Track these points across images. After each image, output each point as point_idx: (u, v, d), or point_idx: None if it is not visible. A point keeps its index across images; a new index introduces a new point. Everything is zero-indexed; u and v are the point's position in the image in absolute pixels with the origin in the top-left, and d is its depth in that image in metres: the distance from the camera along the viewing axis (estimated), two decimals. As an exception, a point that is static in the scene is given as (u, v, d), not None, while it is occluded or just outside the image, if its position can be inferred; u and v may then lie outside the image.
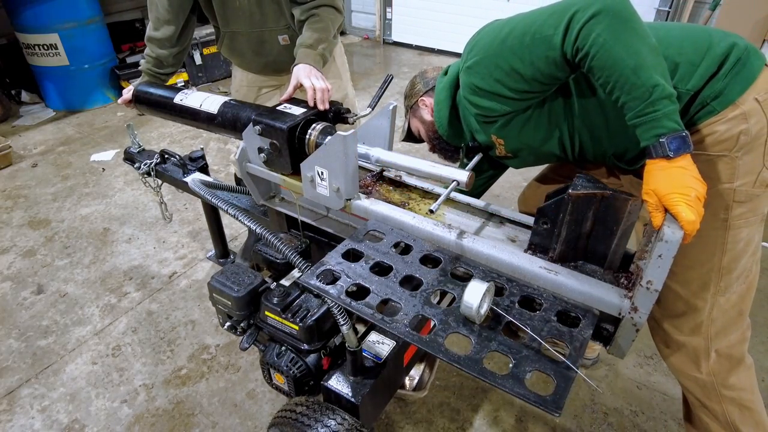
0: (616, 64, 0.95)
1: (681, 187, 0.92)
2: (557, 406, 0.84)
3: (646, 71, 0.94)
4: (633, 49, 0.94)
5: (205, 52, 4.91)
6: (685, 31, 1.13)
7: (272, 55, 1.98)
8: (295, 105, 1.41)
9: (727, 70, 1.05)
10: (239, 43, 1.96)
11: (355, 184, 1.30)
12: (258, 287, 1.36)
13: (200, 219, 2.86)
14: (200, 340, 2.13)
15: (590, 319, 1.01)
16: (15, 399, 1.91)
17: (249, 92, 2.17)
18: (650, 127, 0.95)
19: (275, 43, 1.94)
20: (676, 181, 0.92)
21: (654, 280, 0.93)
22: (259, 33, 1.90)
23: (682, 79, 1.07)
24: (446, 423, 1.79)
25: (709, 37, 1.09)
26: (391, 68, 5.52)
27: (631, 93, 0.95)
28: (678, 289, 1.24)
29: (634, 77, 0.94)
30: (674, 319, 1.28)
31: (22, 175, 3.48)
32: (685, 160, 0.94)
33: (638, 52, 0.94)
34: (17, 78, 4.66)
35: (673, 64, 1.07)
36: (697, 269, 1.20)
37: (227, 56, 2.09)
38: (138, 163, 1.91)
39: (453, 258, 1.18)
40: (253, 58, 2.00)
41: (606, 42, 0.94)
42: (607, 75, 0.97)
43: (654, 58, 0.95)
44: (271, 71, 2.08)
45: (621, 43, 0.94)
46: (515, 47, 1.08)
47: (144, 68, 1.95)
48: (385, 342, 1.36)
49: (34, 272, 2.55)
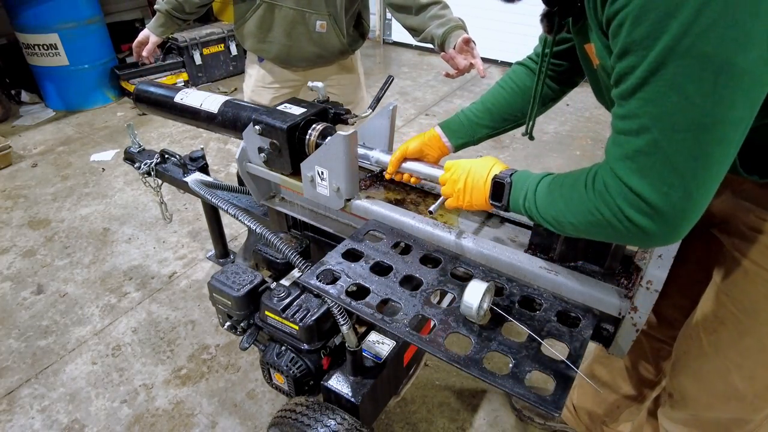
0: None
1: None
2: (557, 406, 0.84)
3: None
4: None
5: (205, 52, 4.90)
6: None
7: (303, 41, 1.89)
8: (295, 105, 1.41)
9: None
10: (274, 18, 1.85)
11: (355, 184, 1.30)
12: (258, 287, 1.36)
13: (200, 219, 2.86)
14: (200, 340, 2.13)
15: (590, 319, 1.01)
16: (15, 399, 1.91)
17: (265, 93, 2.08)
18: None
19: (311, 27, 1.85)
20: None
21: (654, 280, 0.93)
22: (299, 12, 1.82)
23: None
24: (446, 423, 1.79)
25: None
26: (391, 68, 5.52)
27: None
28: (736, 382, 1.01)
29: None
30: (717, 403, 1.07)
31: (22, 175, 3.48)
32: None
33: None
34: (17, 78, 4.66)
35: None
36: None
37: (250, 35, 1.93)
38: (138, 163, 1.91)
39: (453, 258, 1.18)
40: (281, 40, 1.90)
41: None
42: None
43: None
44: (294, 62, 1.97)
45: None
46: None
47: (161, 8, 1.91)
48: (385, 342, 1.36)
49: (34, 272, 2.55)
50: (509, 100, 1.25)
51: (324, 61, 2.00)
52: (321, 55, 1.94)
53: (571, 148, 3.75)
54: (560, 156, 3.64)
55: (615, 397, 1.51)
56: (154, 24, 2.01)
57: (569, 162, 3.55)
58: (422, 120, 4.20)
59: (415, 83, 4.95)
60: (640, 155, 0.67)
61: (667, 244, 0.73)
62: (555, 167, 3.48)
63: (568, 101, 4.32)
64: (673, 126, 0.63)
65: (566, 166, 3.47)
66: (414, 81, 4.99)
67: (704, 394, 1.10)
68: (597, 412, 1.58)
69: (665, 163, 0.65)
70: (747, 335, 0.98)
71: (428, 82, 5.00)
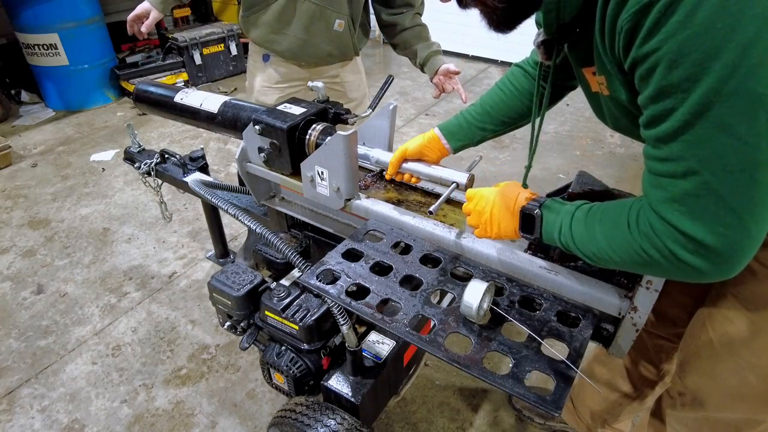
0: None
1: None
2: (557, 405, 0.84)
3: None
4: None
5: (204, 52, 4.90)
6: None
7: (319, 38, 1.87)
8: (295, 105, 1.41)
9: None
10: (296, 11, 1.81)
11: (355, 184, 1.30)
12: (258, 287, 1.36)
13: (200, 219, 2.86)
14: (200, 340, 2.13)
15: (590, 319, 1.01)
16: (15, 399, 1.91)
17: (272, 93, 2.04)
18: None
19: (330, 25, 1.85)
20: None
21: (654, 279, 0.93)
22: (320, 9, 1.81)
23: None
24: (446, 423, 1.79)
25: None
26: (391, 68, 5.52)
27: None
28: (752, 381, 1.00)
29: None
30: (731, 402, 1.06)
31: (22, 175, 3.48)
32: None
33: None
34: (17, 78, 4.66)
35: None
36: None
37: (263, 26, 1.88)
38: (138, 163, 1.90)
39: (453, 258, 1.18)
40: (297, 34, 1.86)
41: None
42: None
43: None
44: (305, 57, 1.94)
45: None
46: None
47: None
48: (385, 342, 1.36)
49: (33, 272, 2.55)
50: (508, 103, 1.24)
51: (332, 61, 2.01)
52: (332, 54, 1.95)
53: (571, 148, 3.75)
54: (560, 156, 3.64)
55: (615, 395, 1.51)
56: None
57: (569, 162, 3.55)
58: (422, 120, 4.20)
59: (415, 83, 4.95)
60: (689, 198, 0.65)
61: (722, 279, 0.70)
62: (555, 167, 3.48)
63: (567, 101, 4.32)
64: (725, 167, 0.61)
65: (566, 166, 3.47)
66: (414, 81, 4.99)
67: (718, 394, 1.09)
68: (597, 410, 1.58)
69: (719, 204, 0.63)
70: (760, 336, 0.98)
71: (428, 82, 4.97)
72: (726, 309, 1.02)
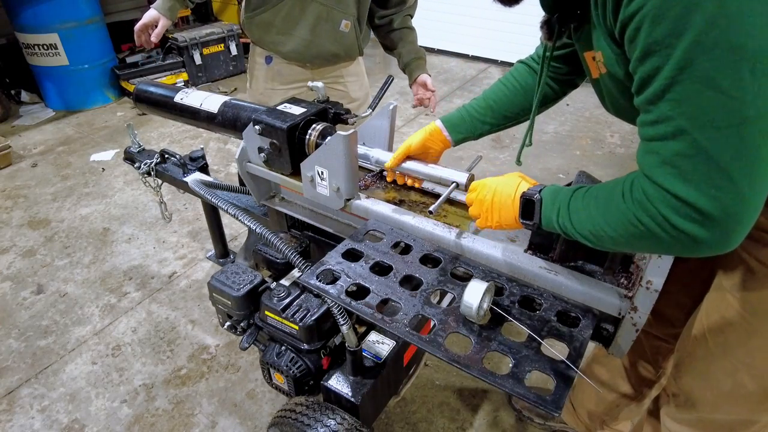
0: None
1: None
2: (557, 405, 0.84)
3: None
4: None
5: (204, 52, 4.90)
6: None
7: (325, 38, 1.86)
8: (295, 105, 1.41)
9: None
10: (303, 11, 1.80)
11: (355, 184, 1.30)
12: (258, 287, 1.36)
13: (200, 219, 2.86)
14: (200, 340, 2.13)
15: (590, 319, 1.01)
16: (15, 399, 1.91)
17: (275, 95, 2.02)
18: None
19: (336, 26, 1.84)
20: None
21: (654, 280, 0.93)
22: (327, 9, 1.80)
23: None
24: (446, 423, 1.79)
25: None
26: (391, 68, 5.52)
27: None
28: (745, 382, 1.01)
29: None
30: (725, 403, 1.07)
31: (22, 175, 3.48)
32: None
33: None
34: (17, 78, 4.66)
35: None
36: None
37: (267, 26, 1.85)
38: (138, 163, 1.90)
39: (453, 258, 1.18)
40: (303, 35, 1.85)
41: None
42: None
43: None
44: (309, 58, 1.92)
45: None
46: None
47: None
48: (385, 342, 1.36)
49: (33, 272, 2.55)
50: (511, 98, 1.25)
51: (336, 62, 2.01)
52: (337, 54, 1.94)
53: (571, 148, 3.75)
54: (560, 156, 3.64)
55: (614, 396, 1.51)
56: (162, 5, 1.83)
57: (569, 162, 3.55)
58: (422, 120, 4.20)
59: (415, 83, 4.95)
60: (680, 158, 0.63)
61: (721, 251, 0.67)
62: (555, 167, 3.48)
63: (568, 101, 4.32)
64: (712, 123, 0.60)
65: (566, 166, 3.47)
66: (414, 81, 4.99)
67: (711, 395, 1.09)
68: (596, 411, 1.59)
69: (709, 164, 0.61)
70: (756, 336, 0.98)
71: (428, 82, 5.01)
72: (723, 309, 1.02)
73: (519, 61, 1.29)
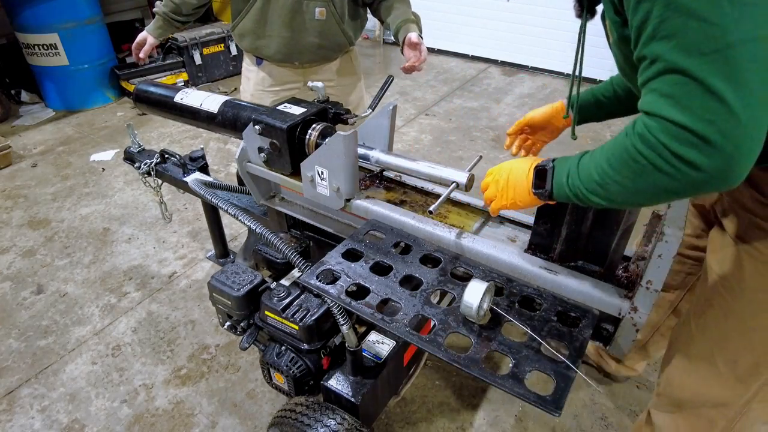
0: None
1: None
2: (557, 406, 0.84)
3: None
4: None
5: (205, 52, 4.90)
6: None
7: (303, 31, 1.87)
8: (295, 105, 1.42)
9: None
10: (272, 9, 1.83)
11: (355, 184, 1.30)
12: (258, 287, 1.36)
13: (200, 219, 2.86)
14: (200, 340, 2.13)
15: (590, 319, 1.01)
16: (15, 399, 1.91)
17: (265, 96, 2.04)
18: None
19: (310, 15, 1.84)
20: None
21: (654, 280, 0.93)
22: (297, 1, 1.81)
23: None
24: (446, 423, 1.79)
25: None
26: (391, 68, 5.52)
27: None
28: (719, 365, 1.05)
29: None
30: (701, 388, 1.10)
31: (22, 175, 3.48)
32: None
33: None
34: (17, 78, 4.66)
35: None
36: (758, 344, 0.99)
37: (248, 33, 1.91)
38: (138, 163, 1.91)
39: (453, 258, 1.18)
40: (281, 32, 1.86)
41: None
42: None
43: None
44: (295, 56, 1.94)
45: None
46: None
47: (159, 11, 1.94)
48: (385, 342, 1.36)
49: (33, 272, 2.55)
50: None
51: (325, 55, 1.98)
52: (322, 46, 1.92)
53: (570, 149, 3.74)
54: (560, 156, 3.64)
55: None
56: (152, 26, 2.02)
57: (569, 162, 3.54)
58: (422, 120, 4.20)
59: (415, 83, 4.95)
60: (676, 88, 0.66)
61: (724, 183, 0.67)
62: (555, 167, 3.48)
63: (568, 101, 4.31)
64: (700, 51, 0.62)
65: (566, 166, 3.47)
66: (414, 81, 4.99)
67: (689, 380, 1.12)
68: None
69: (702, 89, 0.63)
70: (731, 316, 1.00)
71: (428, 81, 5.00)
72: (708, 291, 1.04)
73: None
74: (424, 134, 3.95)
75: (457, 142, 3.81)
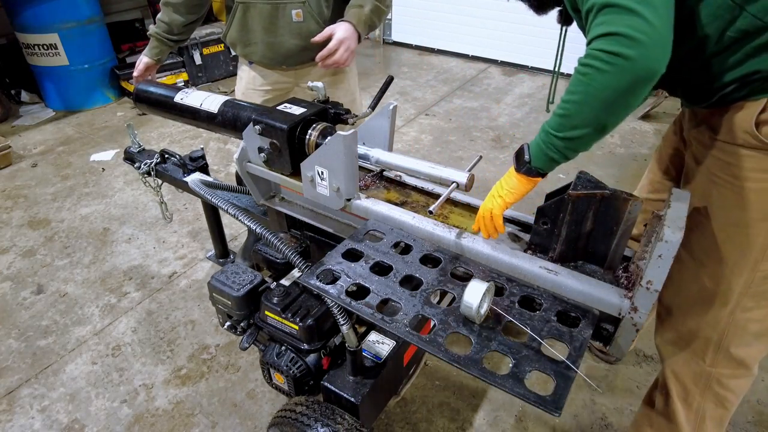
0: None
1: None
2: (557, 406, 0.84)
3: None
4: None
5: (205, 52, 4.90)
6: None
7: (283, 35, 1.88)
8: (295, 105, 1.42)
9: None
10: (251, 17, 1.86)
11: (355, 184, 1.30)
12: (258, 287, 1.36)
13: (200, 219, 2.86)
14: (200, 340, 2.13)
15: (590, 319, 1.01)
16: (15, 399, 1.91)
17: (255, 96, 2.07)
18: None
19: (288, 18, 1.85)
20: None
21: (654, 280, 0.93)
22: (274, 6, 1.82)
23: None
24: (446, 423, 1.79)
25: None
26: (391, 68, 5.52)
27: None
28: (704, 281, 1.18)
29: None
30: (693, 307, 1.23)
31: (22, 175, 3.48)
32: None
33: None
34: (17, 78, 4.66)
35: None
36: (737, 245, 1.11)
37: (235, 41, 1.96)
38: (138, 163, 1.91)
39: (453, 258, 1.18)
40: (263, 38, 1.89)
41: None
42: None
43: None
44: (281, 59, 1.96)
45: None
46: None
47: (153, 32, 1.95)
48: (385, 342, 1.36)
49: (33, 272, 2.55)
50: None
51: (311, 56, 1.94)
52: (305, 48, 1.89)
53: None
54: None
55: None
56: (148, 49, 2.04)
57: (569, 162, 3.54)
58: (422, 120, 4.20)
59: (415, 83, 4.95)
60: (606, 16, 0.87)
61: (651, 69, 0.86)
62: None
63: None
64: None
65: (566, 166, 3.45)
66: (414, 81, 4.99)
67: (682, 301, 1.25)
68: None
69: (625, 10, 0.85)
70: (706, 234, 1.15)
71: (428, 81, 5.01)
72: (692, 216, 1.14)
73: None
74: (424, 134, 3.95)
75: (457, 142, 3.81)
